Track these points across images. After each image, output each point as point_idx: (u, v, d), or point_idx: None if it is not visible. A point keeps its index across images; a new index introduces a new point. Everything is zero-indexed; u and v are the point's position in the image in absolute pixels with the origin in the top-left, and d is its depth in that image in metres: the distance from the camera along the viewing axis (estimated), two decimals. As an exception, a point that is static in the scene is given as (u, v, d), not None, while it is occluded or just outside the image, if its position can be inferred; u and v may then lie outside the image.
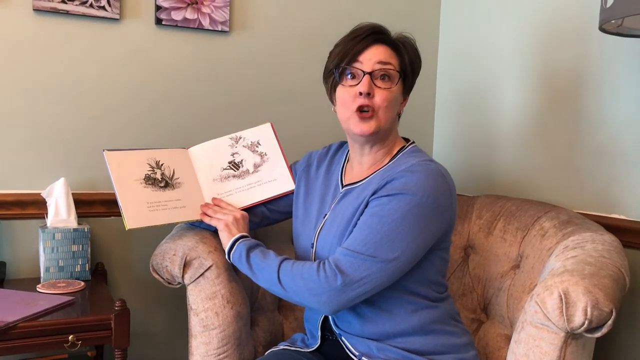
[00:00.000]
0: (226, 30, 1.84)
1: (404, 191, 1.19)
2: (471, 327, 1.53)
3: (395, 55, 1.29)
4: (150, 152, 1.43)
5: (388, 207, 1.20)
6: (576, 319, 1.07)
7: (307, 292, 1.19)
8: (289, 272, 1.22)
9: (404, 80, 1.31)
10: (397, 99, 1.30)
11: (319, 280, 1.18)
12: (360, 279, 1.17)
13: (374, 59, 1.26)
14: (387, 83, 1.27)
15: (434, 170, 1.24)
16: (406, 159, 1.29)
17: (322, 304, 1.19)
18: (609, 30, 1.25)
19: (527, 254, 1.45)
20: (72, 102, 1.69)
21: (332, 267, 1.18)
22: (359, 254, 1.18)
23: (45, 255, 1.56)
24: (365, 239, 1.19)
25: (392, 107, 1.28)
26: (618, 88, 1.50)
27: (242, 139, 1.49)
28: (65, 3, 1.64)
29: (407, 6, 2.07)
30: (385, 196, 1.21)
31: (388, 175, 1.24)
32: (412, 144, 1.37)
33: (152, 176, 1.39)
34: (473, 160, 1.97)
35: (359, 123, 1.27)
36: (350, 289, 1.17)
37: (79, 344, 1.33)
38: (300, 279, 1.20)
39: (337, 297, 1.17)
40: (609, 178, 1.53)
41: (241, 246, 1.31)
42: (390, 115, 1.28)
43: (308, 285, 1.19)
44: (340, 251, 1.21)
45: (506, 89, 1.84)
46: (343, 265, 1.18)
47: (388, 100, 1.26)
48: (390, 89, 1.27)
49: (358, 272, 1.17)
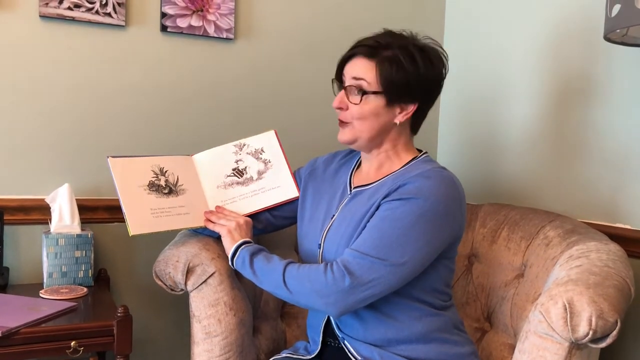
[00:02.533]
0: (231, 38, 1.84)
1: (417, 196, 1.19)
2: (474, 336, 1.52)
3: (376, 69, 1.25)
4: (154, 159, 1.43)
5: (400, 211, 1.19)
6: (581, 329, 1.06)
7: (314, 293, 1.19)
8: (295, 275, 1.22)
9: (389, 92, 1.26)
10: (374, 112, 1.27)
11: (327, 281, 1.17)
12: (368, 281, 1.16)
13: (351, 73, 1.29)
14: (356, 98, 1.27)
15: (447, 177, 1.24)
16: (419, 166, 1.29)
17: (329, 306, 1.18)
18: (614, 40, 1.25)
19: (531, 263, 1.45)
20: (77, 108, 1.70)
21: (341, 268, 1.17)
22: (369, 256, 1.17)
23: (48, 261, 1.56)
24: (376, 242, 1.18)
25: (367, 120, 1.28)
26: (623, 97, 1.50)
27: (246, 146, 1.49)
28: (71, 10, 1.65)
29: (412, 14, 2.08)
30: (398, 200, 1.21)
31: (401, 180, 1.23)
32: (425, 154, 1.36)
33: (156, 183, 1.39)
34: (477, 168, 1.97)
35: (340, 131, 1.33)
36: (359, 291, 1.16)
37: (81, 350, 1.33)
38: (307, 280, 1.19)
39: (344, 298, 1.17)
40: (613, 187, 1.52)
41: (244, 252, 1.30)
42: (368, 126, 1.28)
43: (315, 286, 1.18)
44: (349, 252, 1.20)
45: (511, 98, 1.84)
46: (352, 267, 1.17)
47: (358, 114, 1.27)
48: (358, 104, 1.27)
49: (367, 274, 1.16)
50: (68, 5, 1.65)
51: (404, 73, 1.25)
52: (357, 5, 2.00)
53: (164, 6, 1.75)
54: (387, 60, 1.25)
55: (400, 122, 1.30)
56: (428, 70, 1.27)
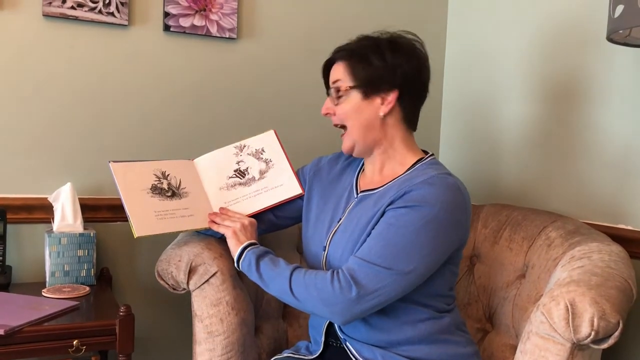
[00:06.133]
0: (234, 37, 1.84)
1: (422, 203, 1.19)
2: (476, 337, 1.52)
3: (348, 66, 1.31)
4: (156, 164, 1.43)
5: (405, 219, 1.19)
6: (583, 330, 1.06)
7: (320, 302, 1.19)
8: (302, 282, 1.21)
9: (363, 85, 1.29)
10: (355, 108, 1.31)
11: (333, 290, 1.17)
12: (374, 291, 1.16)
13: (331, 79, 1.35)
14: (336, 100, 1.33)
15: (451, 184, 1.23)
16: (424, 170, 1.28)
17: (335, 315, 1.18)
18: (617, 41, 1.25)
19: (533, 264, 1.45)
20: (79, 107, 1.70)
21: (347, 278, 1.17)
22: (375, 265, 1.17)
23: (51, 260, 1.57)
24: (381, 250, 1.18)
25: (351, 118, 1.31)
26: (625, 98, 1.50)
27: (246, 147, 1.50)
28: (74, 9, 1.66)
29: (414, 15, 2.07)
30: (403, 207, 1.20)
31: (406, 186, 1.23)
32: (431, 156, 1.36)
33: (158, 186, 1.39)
34: (479, 169, 1.97)
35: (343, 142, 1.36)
36: (365, 301, 1.16)
37: (83, 349, 1.33)
38: (314, 288, 1.19)
39: (350, 308, 1.17)
40: (616, 188, 1.52)
41: (250, 254, 1.30)
42: (356, 124, 1.31)
43: (321, 295, 1.18)
44: (355, 261, 1.20)
45: (513, 98, 1.84)
46: (358, 276, 1.17)
47: (343, 114, 1.32)
48: (340, 104, 1.32)
49: (373, 283, 1.16)
50: (71, 5, 1.65)
51: (373, 64, 1.29)
52: (359, 5, 2.00)
53: (166, 6, 1.75)
54: (356, 57, 1.31)
55: (385, 113, 1.30)
56: (397, 58, 1.29)
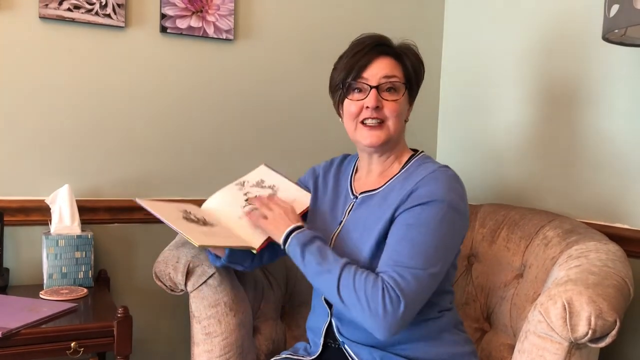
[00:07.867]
0: (231, 39, 1.84)
1: (434, 198, 1.20)
2: (474, 336, 1.53)
3: (399, 66, 1.30)
4: (175, 204, 1.39)
5: (423, 217, 1.19)
6: (580, 329, 1.06)
7: (368, 312, 1.14)
8: (351, 285, 1.16)
9: (409, 89, 1.32)
10: (405, 108, 1.32)
11: (384, 305, 1.13)
12: (417, 296, 1.15)
13: (380, 73, 1.28)
14: (394, 95, 1.29)
15: (452, 175, 1.26)
16: (421, 166, 1.30)
17: (379, 329, 1.15)
18: (613, 40, 1.25)
19: (530, 263, 1.45)
20: (76, 109, 1.70)
21: (396, 292, 1.14)
22: (411, 268, 1.16)
23: (48, 262, 1.57)
24: (411, 252, 1.17)
25: (400, 117, 1.30)
26: (622, 98, 1.50)
27: (246, 182, 1.48)
28: (71, 11, 1.66)
29: (410, 16, 2.08)
30: (417, 205, 1.20)
31: (409, 185, 1.24)
32: (422, 152, 1.37)
33: (189, 217, 1.34)
34: (476, 169, 1.97)
35: (367, 135, 1.29)
36: (408, 313, 1.15)
37: (81, 350, 1.33)
38: (364, 297, 1.15)
39: (397, 325, 1.14)
40: (612, 187, 1.52)
41: (294, 241, 1.24)
42: (399, 124, 1.30)
43: (371, 305, 1.14)
44: (393, 270, 1.16)
45: (510, 99, 1.84)
46: (403, 286, 1.14)
47: (397, 111, 1.29)
48: (397, 100, 1.29)
49: (414, 287, 1.15)
50: (68, 7, 1.65)
51: (421, 68, 1.35)
52: (357, 6, 2.01)
53: (163, 7, 1.76)
54: (406, 56, 1.32)
55: (407, 119, 1.35)
56: (419, 64, 1.35)
